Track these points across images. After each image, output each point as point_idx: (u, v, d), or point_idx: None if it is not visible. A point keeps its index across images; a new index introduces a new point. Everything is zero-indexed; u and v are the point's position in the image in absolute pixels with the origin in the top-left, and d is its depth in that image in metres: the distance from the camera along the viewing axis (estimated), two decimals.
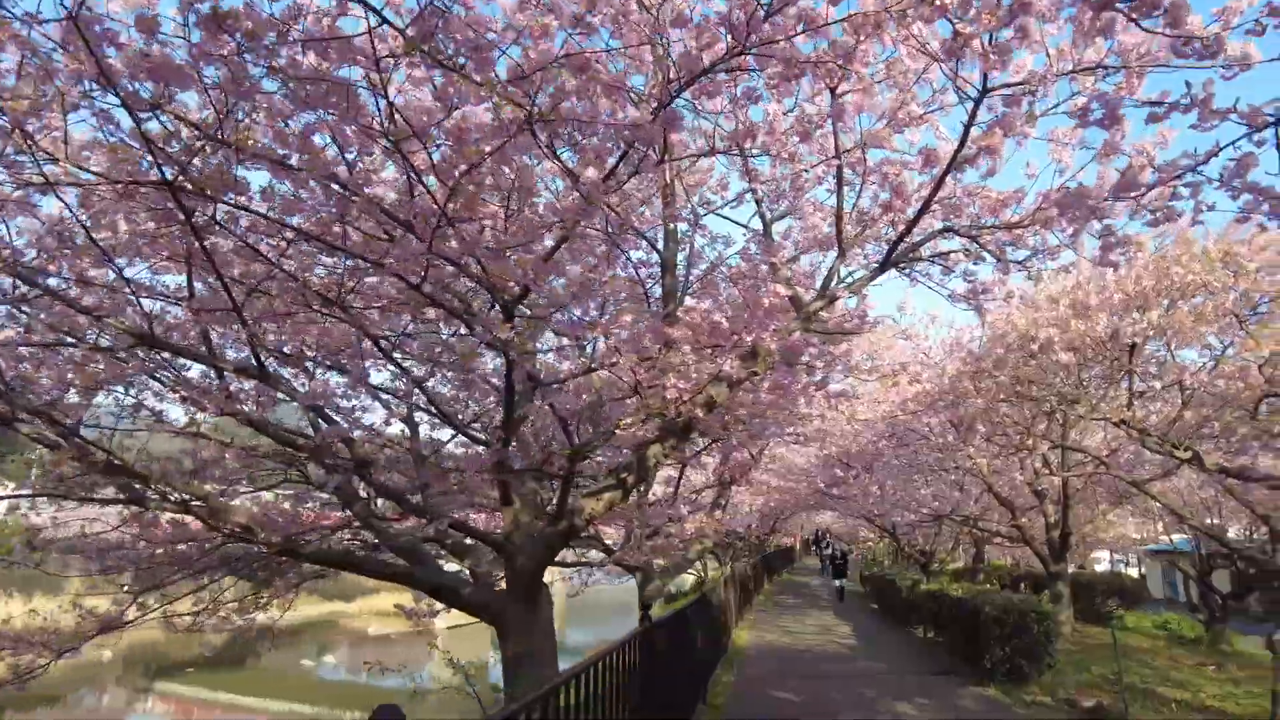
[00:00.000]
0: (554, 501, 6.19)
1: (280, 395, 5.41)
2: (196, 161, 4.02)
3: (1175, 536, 21.40)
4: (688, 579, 26.39)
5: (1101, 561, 31.52)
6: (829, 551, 26.32)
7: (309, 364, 6.23)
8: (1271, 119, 2.78)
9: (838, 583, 24.09)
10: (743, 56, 3.81)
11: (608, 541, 13.24)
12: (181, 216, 3.84)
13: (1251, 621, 21.08)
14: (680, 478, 11.66)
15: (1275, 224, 3.24)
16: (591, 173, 3.61)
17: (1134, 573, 31.00)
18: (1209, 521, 19.79)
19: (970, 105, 4.52)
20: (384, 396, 7.45)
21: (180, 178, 3.69)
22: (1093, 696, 8.76)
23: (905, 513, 16.99)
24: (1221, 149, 3.02)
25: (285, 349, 6.00)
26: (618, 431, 4.95)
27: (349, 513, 6.71)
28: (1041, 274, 6.84)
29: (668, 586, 12.76)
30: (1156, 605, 23.99)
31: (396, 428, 7.52)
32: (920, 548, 24.77)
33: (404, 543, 6.65)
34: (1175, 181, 3.53)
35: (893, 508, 16.83)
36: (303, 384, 6.18)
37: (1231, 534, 19.59)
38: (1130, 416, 7.56)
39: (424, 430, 8.43)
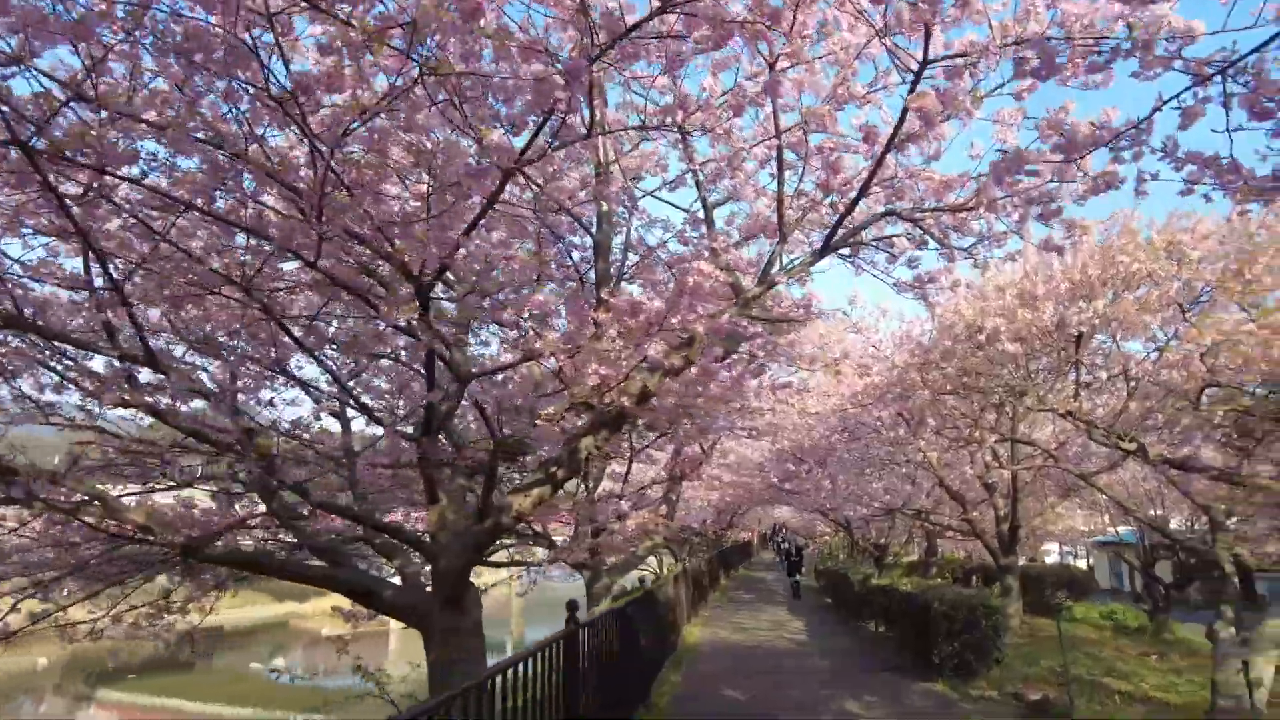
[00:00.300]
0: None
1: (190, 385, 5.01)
2: (63, 122, 3.64)
3: (1121, 529, 21.77)
4: (641, 576, 26.12)
5: (1051, 554, 32.07)
6: (785, 547, 25.88)
7: (226, 352, 5.84)
8: (1215, 70, 2.60)
9: (792, 579, 23.74)
10: (666, 14, 3.54)
11: (558, 539, 12.96)
12: (48, 185, 3.45)
13: (1191, 610, 21.56)
14: (628, 472, 11.40)
15: (1221, 194, 3.07)
16: (498, 136, 3.30)
17: (1083, 564, 31.60)
18: (1152, 513, 20.16)
19: (911, 79, 4.32)
20: (323, 389, 7.08)
21: (37, 137, 3.32)
22: (1039, 690, 8.71)
23: (857, 506, 16.95)
24: (1165, 103, 2.82)
25: (198, 335, 5.61)
26: (538, 422, 4.66)
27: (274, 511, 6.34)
28: (988, 263, 6.68)
29: (616, 584, 12.48)
30: (1104, 596, 24.41)
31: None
32: (874, 541, 24.88)
33: (323, 542, 6.28)
34: (1116, 142, 3.33)
35: (844, 502, 16.78)
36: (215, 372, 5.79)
37: (1173, 525, 20.00)
38: (1077, 408, 7.48)
39: (363, 426, 8.04)
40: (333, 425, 7.71)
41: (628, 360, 4.75)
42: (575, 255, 6.25)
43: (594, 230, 5.53)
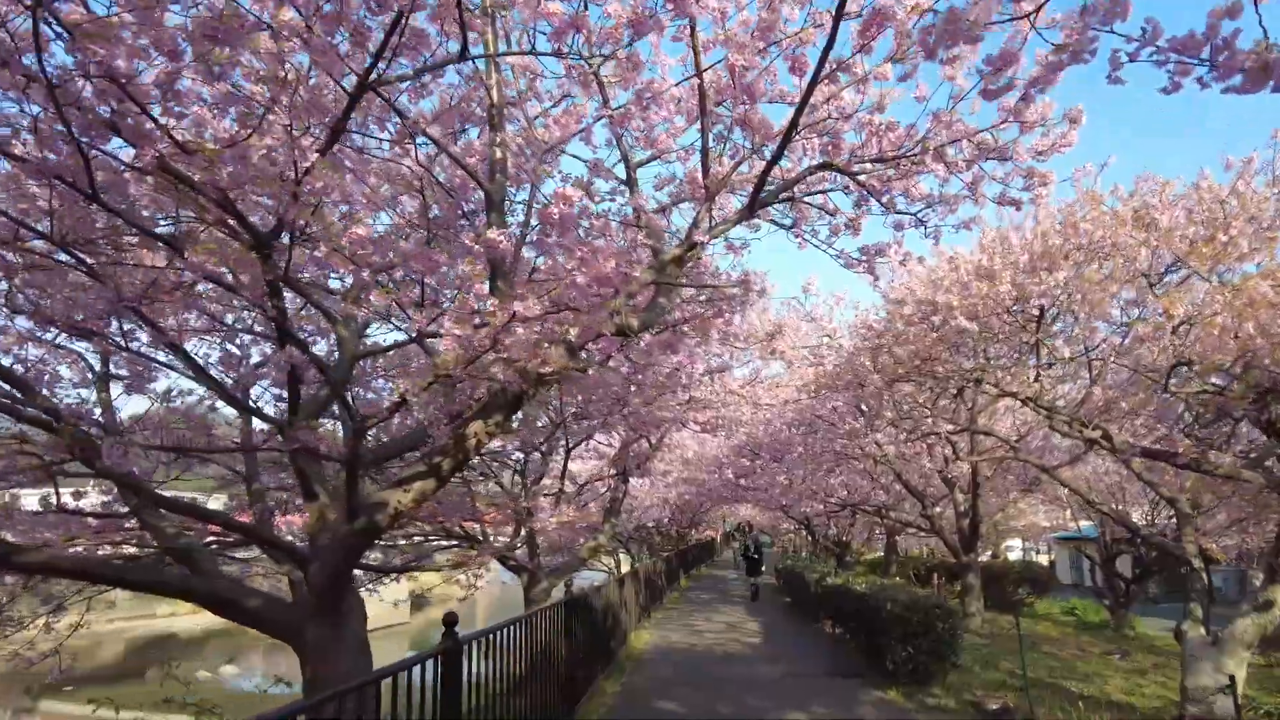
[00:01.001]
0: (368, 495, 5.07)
1: None
2: None
3: (1083, 523, 21.45)
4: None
5: (1014, 550, 31.91)
6: (745, 544, 24.32)
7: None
8: None
9: (751, 580, 21.85)
10: None
11: (501, 540, 12.16)
12: None
13: (1150, 604, 21.38)
14: (565, 468, 10.65)
15: (1215, 81, 2.42)
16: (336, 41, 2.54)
17: (1044, 560, 31.48)
18: (1114, 508, 19.88)
19: None
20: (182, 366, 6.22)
21: None
22: (999, 697, 8.11)
23: (813, 503, 16.35)
24: None
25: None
26: (409, 400, 3.90)
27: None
28: (940, 231, 6.03)
29: (556, 589, 11.71)
30: (1065, 591, 24.19)
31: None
32: (835, 539, 24.40)
33: (182, 545, 5.44)
34: (1084, 17, 2.65)
35: (800, 498, 16.18)
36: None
37: (1134, 520, 19.71)
38: (1038, 392, 6.88)
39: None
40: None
41: (526, 334, 4.01)
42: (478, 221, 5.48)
43: (485, 181, 4.75)
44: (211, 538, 6.63)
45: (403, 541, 10.11)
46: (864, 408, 12.37)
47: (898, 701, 8.28)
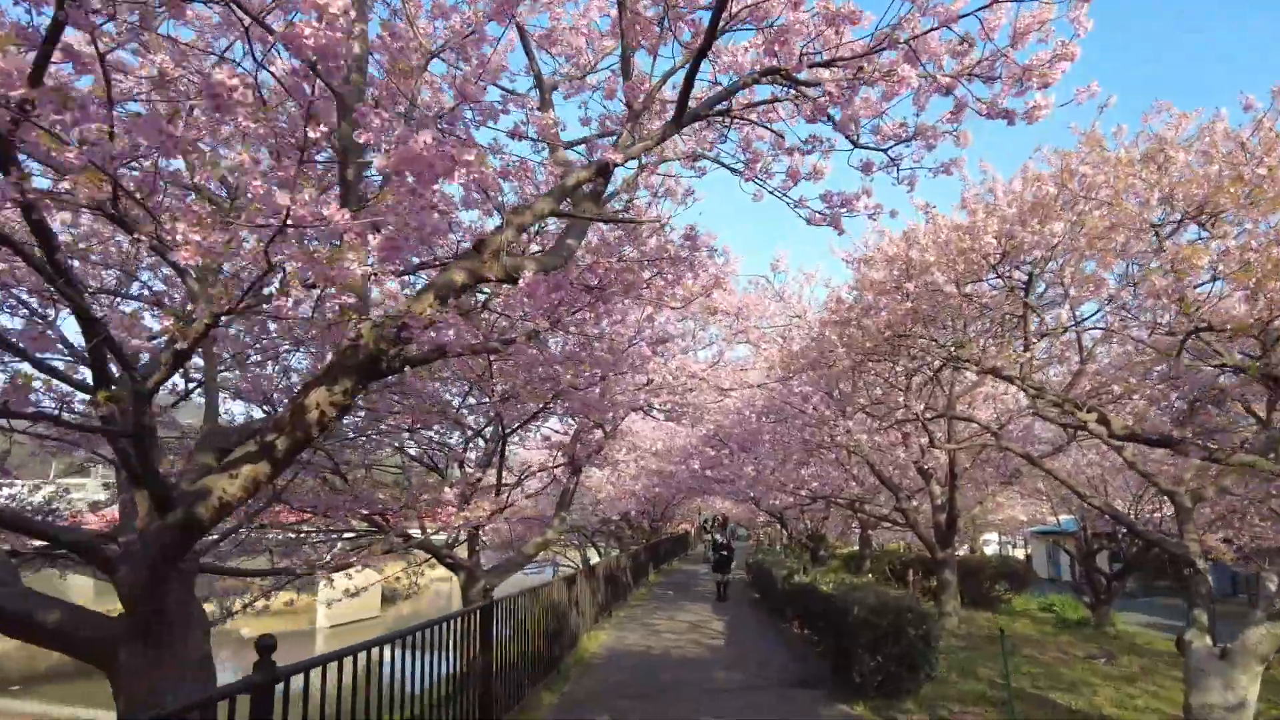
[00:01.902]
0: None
1: None
2: None
3: (1062, 517, 20.70)
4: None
5: (991, 544, 31.24)
6: (715, 538, 22.29)
7: None
8: None
9: (720, 577, 19.75)
10: None
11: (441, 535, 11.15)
12: None
13: (1128, 599, 20.69)
14: (501, 455, 9.63)
15: None
16: None
17: (1020, 554, 30.83)
18: (1104, 501, 19.11)
19: None
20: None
21: None
22: (979, 714, 7.22)
23: (782, 495, 15.41)
24: None
25: None
26: (180, 345, 2.87)
27: None
28: (915, 178, 5.06)
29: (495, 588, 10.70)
30: (1042, 586, 23.47)
31: None
32: (808, 533, 23.55)
33: None
34: None
35: (770, 490, 15.23)
36: None
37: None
38: (1027, 367, 5.96)
39: None
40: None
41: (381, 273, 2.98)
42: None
43: (334, 81, 3.70)
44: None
45: (273, 535, 9.00)
46: (835, 394, 11.45)
47: (865, 717, 7.36)
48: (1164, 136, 5.23)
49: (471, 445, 10.84)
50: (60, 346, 5.59)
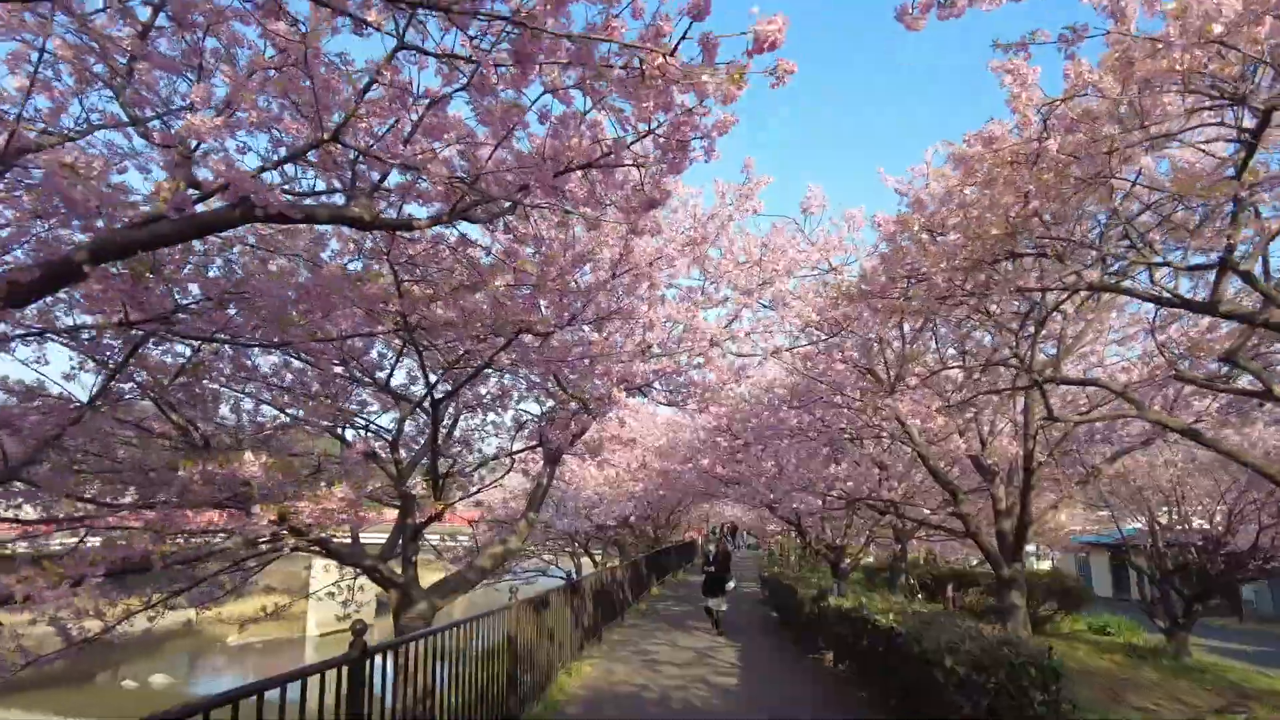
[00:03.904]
0: None
1: None
2: None
3: (1125, 525, 17.99)
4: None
5: (1045, 558, 28.32)
6: (708, 552, 16.15)
7: None
8: None
9: (711, 603, 15.12)
10: None
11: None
12: None
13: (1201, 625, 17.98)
14: (434, 434, 7.09)
15: None
16: None
17: (1058, 567, 27.96)
18: (1168, 510, 16.49)
19: None
20: None
21: None
22: None
23: (808, 497, 12.75)
24: None
25: None
26: None
27: None
28: None
29: (442, 608, 8.17)
30: (1099, 606, 20.75)
31: None
32: (828, 542, 20.80)
33: None
34: None
35: (789, 492, 12.57)
36: None
37: (1195, 525, 16.26)
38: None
39: None
40: None
41: None
42: None
43: None
44: None
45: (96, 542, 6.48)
46: (885, 360, 8.92)
47: None
48: None
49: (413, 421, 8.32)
50: None
